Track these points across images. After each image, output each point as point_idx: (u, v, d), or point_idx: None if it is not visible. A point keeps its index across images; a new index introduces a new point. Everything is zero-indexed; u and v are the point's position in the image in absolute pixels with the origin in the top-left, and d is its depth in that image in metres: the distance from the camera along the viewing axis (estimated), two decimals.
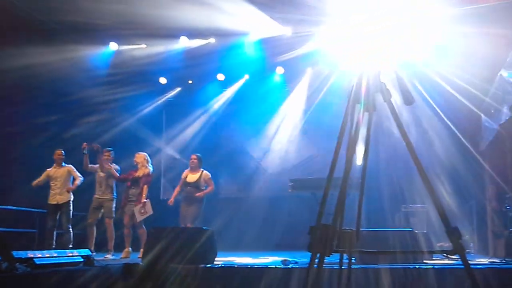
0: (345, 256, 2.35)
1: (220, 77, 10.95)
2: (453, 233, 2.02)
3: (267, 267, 4.69)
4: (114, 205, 7.30)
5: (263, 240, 9.40)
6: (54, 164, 7.44)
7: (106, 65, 9.93)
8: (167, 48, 9.93)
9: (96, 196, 7.28)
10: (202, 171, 7.20)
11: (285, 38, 9.63)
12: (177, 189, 7.37)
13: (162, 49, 9.93)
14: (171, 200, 7.31)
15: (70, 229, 7.17)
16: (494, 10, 6.46)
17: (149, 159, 7.40)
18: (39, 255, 4.09)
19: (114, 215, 7.26)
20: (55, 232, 7.25)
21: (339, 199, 2.06)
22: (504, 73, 5.96)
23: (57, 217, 7.26)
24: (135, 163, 7.31)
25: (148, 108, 10.98)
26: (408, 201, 8.81)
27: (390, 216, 8.67)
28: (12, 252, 3.86)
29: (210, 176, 7.19)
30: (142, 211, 6.89)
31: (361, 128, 2.22)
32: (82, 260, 4.56)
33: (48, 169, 7.47)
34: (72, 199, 7.34)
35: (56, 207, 7.21)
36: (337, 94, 10.07)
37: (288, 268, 4.63)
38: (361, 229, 2.39)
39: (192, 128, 10.82)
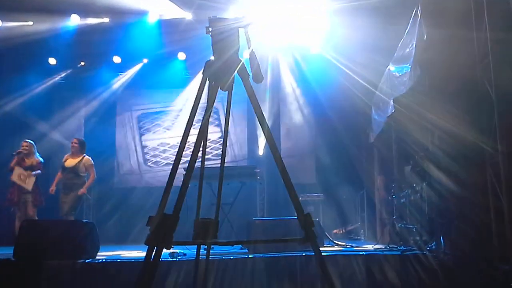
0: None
1: (116, 59, 10.33)
2: (305, 220, 1.97)
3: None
4: None
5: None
6: None
7: None
8: (57, 26, 9.14)
9: None
10: (84, 156, 6.67)
11: (186, 23, 9.34)
12: (58, 175, 6.77)
13: (50, 27, 9.12)
14: (52, 188, 6.69)
15: None
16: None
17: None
18: None
19: None
20: None
21: (181, 189, 1.90)
22: (392, 67, 6.25)
23: None
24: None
25: (36, 90, 10.03)
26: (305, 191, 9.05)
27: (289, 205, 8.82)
28: None
29: (92, 163, 6.66)
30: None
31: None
32: None
33: None
34: None
35: None
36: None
37: (176, 260, 4.43)
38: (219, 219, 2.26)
39: (84, 111, 10.12)
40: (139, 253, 5.70)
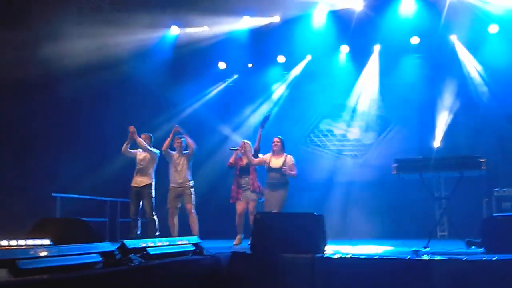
0: None
1: (281, 59, 10.39)
2: None
3: (399, 258, 4.10)
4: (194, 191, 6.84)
5: (365, 227, 8.77)
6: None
7: (168, 49, 9.58)
8: (228, 28, 9.48)
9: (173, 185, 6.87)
10: (286, 155, 6.66)
11: (353, 13, 9.03)
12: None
13: (222, 30, 9.49)
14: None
15: (155, 217, 6.73)
16: None
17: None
18: (151, 244, 3.67)
19: (194, 202, 6.81)
20: (139, 220, 6.82)
21: None
22: None
23: (140, 203, 6.82)
24: (240, 152, 6.82)
25: (210, 95, 10.55)
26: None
27: None
28: (124, 242, 3.46)
29: (293, 161, 6.63)
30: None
31: None
32: (193, 248, 4.13)
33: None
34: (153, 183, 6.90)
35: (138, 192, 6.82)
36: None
37: (424, 259, 4.04)
38: None
39: (258, 113, 10.32)
40: (357, 249, 5.43)
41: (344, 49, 9.99)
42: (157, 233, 6.66)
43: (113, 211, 8.79)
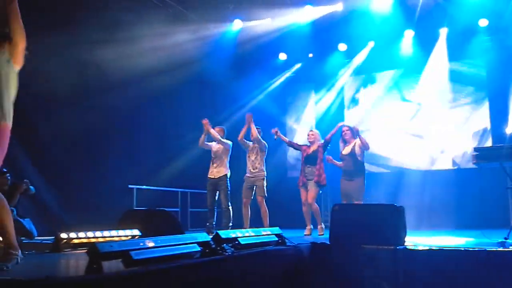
0: None
1: (342, 47, 10.29)
2: None
3: (485, 250, 4.02)
4: (266, 183, 6.96)
5: (437, 218, 8.66)
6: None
7: (231, 43, 9.74)
8: (291, 20, 9.48)
9: (247, 175, 7.02)
10: (355, 141, 6.66)
11: None
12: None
13: (285, 22, 9.50)
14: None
15: (230, 208, 6.92)
16: None
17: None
18: (240, 235, 3.83)
19: (266, 194, 6.94)
20: (215, 211, 7.05)
21: None
22: None
23: (216, 193, 6.99)
24: (309, 140, 6.90)
25: (272, 86, 10.64)
26: None
27: None
28: (218, 232, 3.63)
29: (361, 142, 6.55)
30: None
31: None
32: (276, 239, 4.26)
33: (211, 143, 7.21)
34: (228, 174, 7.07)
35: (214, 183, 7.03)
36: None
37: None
38: None
39: (323, 103, 10.29)
40: (434, 240, 5.38)
41: (409, 34, 9.77)
42: (230, 224, 6.83)
43: (184, 201, 9.16)
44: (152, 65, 7.84)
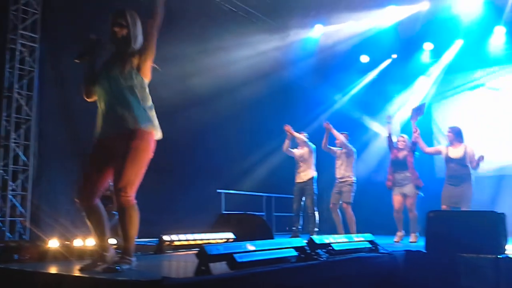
0: None
1: (428, 46, 9.92)
2: None
3: None
4: (353, 189, 6.92)
5: None
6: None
7: (313, 48, 9.79)
8: (373, 22, 9.33)
9: (336, 181, 7.03)
10: (466, 145, 6.25)
11: None
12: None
13: (367, 24, 9.38)
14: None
15: (316, 213, 6.96)
16: None
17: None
18: (333, 240, 3.87)
19: (352, 200, 6.88)
20: (301, 216, 7.12)
21: None
22: None
23: (302, 198, 7.04)
24: (400, 146, 6.66)
25: (356, 89, 10.55)
26: None
27: None
28: (312, 237, 3.70)
29: (474, 152, 6.15)
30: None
31: None
32: (369, 245, 4.24)
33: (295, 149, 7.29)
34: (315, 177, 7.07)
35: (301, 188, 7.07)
36: None
37: None
38: None
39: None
40: None
41: (500, 30, 9.21)
42: (316, 229, 6.86)
43: (268, 206, 9.35)
44: (241, 75, 8.13)
